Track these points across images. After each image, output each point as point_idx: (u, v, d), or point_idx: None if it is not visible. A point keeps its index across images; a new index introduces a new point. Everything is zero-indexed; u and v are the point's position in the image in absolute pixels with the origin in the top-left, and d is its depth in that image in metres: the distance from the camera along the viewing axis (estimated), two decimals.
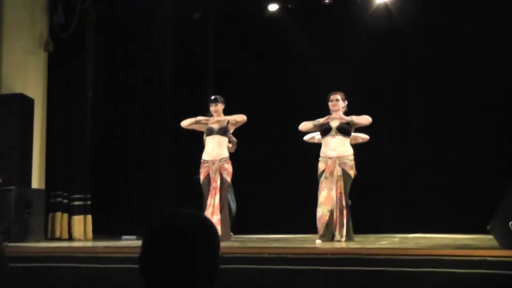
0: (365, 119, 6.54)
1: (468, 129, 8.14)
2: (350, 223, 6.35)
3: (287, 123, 8.06)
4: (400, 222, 8.15)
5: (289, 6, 9.06)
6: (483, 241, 5.51)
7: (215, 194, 6.64)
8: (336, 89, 6.74)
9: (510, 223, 4.38)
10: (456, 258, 4.28)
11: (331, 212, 6.25)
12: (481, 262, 4.10)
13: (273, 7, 9.13)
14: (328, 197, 6.25)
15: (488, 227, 4.79)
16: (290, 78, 9.04)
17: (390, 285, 4.19)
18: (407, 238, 7.18)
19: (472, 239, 6.27)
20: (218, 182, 6.67)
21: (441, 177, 8.24)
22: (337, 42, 8.78)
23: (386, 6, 8.56)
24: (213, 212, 6.59)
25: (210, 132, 6.83)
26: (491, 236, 4.90)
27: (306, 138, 7.09)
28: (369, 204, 7.95)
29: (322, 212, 6.24)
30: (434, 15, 8.40)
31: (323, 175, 6.37)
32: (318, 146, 6.76)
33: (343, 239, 6.17)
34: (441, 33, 8.37)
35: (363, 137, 7.00)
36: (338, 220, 6.24)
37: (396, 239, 6.85)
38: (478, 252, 4.48)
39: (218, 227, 6.53)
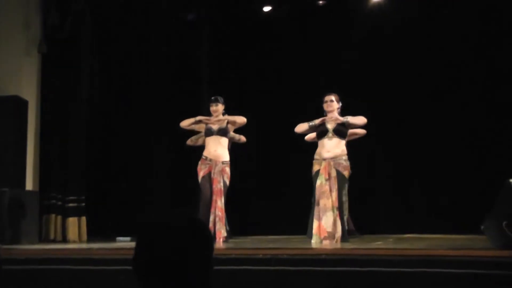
0: (360, 120, 6.58)
1: (464, 129, 8.15)
2: (345, 223, 6.37)
3: (284, 124, 8.05)
4: (394, 222, 8.15)
5: (281, 8, 9.03)
6: (477, 241, 5.52)
7: (220, 196, 6.64)
8: (332, 90, 6.76)
9: (504, 223, 4.39)
10: (450, 258, 4.29)
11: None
12: (475, 262, 4.12)
13: (267, 9, 9.11)
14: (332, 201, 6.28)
15: (482, 227, 4.81)
16: (286, 79, 9.04)
17: (385, 285, 4.20)
18: (401, 238, 7.19)
19: (466, 239, 6.29)
20: (222, 184, 6.69)
21: (436, 177, 8.26)
22: (332, 43, 8.78)
23: (380, 5, 8.57)
24: (219, 216, 6.59)
25: (210, 132, 6.84)
26: (485, 236, 4.92)
27: (306, 138, 7.08)
28: (363, 204, 7.95)
29: (333, 217, 6.24)
30: (430, 12, 8.40)
31: (321, 177, 6.36)
32: (314, 147, 6.77)
33: (338, 239, 6.19)
34: (439, 31, 8.37)
35: (361, 132, 6.99)
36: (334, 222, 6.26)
37: (391, 240, 6.86)
38: (472, 252, 4.50)
39: (222, 229, 6.54)
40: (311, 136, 6.92)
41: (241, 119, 6.91)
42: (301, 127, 6.70)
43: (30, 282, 4.85)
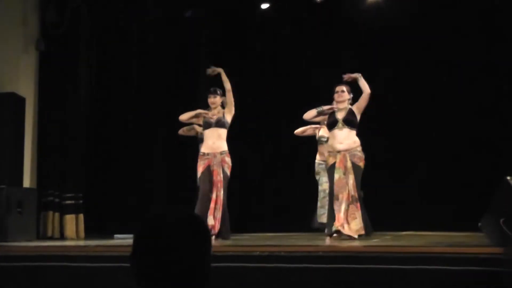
0: (367, 88, 6.57)
1: (462, 127, 8.17)
2: (366, 216, 6.37)
3: (283, 120, 8.06)
4: (392, 219, 8.15)
5: (279, 6, 9.02)
6: (475, 238, 5.53)
7: (220, 187, 6.62)
8: (332, 86, 6.77)
9: (501, 220, 4.40)
10: (448, 255, 4.30)
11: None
12: (472, 259, 4.12)
13: (265, 6, 9.09)
14: (348, 195, 6.29)
15: (479, 224, 4.81)
16: (286, 76, 9.03)
17: (383, 282, 4.20)
18: (399, 235, 7.20)
19: (464, 236, 6.29)
20: (222, 175, 6.66)
21: (434, 174, 8.27)
22: (331, 40, 8.77)
23: (378, 3, 8.55)
24: (218, 207, 6.56)
25: (208, 125, 6.81)
26: (482, 234, 4.93)
27: (297, 131, 7.11)
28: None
29: (344, 209, 6.25)
30: (428, 11, 8.40)
31: (339, 171, 6.36)
32: (315, 142, 6.75)
33: (354, 234, 6.18)
34: (437, 28, 8.37)
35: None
36: (347, 213, 6.27)
37: (388, 237, 6.87)
38: (470, 249, 4.50)
39: (217, 225, 6.51)
40: (302, 130, 6.93)
41: (228, 85, 6.85)
42: (309, 114, 6.70)
43: (27, 279, 4.85)
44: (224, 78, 6.85)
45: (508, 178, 4.55)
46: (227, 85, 6.83)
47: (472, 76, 8.16)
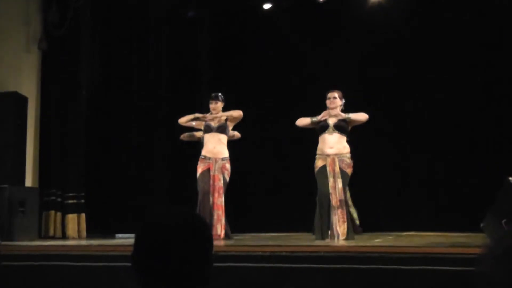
0: (362, 116, 6.59)
1: (463, 128, 8.16)
2: (349, 221, 6.38)
3: (284, 121, 8.03)
4: (394, 220, 8.16)
5: (281, 5, 9.01)
6: (477, 239, 5.53)
7: (221, 193, 6.66)
8: (333, 87, 6.77)
9: (503, 221, 4.40)
10: (449, 256, 4.30)
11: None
12: (474, 260, 4.12)
13: (267, 6, 9.08)
14: (337, 199, 6.31)
15: (481, 225, 4.81)
16: (287, 76, 9.02)
17: (384, 283, 4.20)
18: (401, 236, 7.20)
19: (465, 237, 6.30)
20: (222, 182, 6.70)
21: (435, 175, 8.26)
22: (333, 39, 8.77)
23: (381, 3, 8.54)
24: (222, 213, 6.62)
25: (209, 129, 6.83)
26: (484, 234, 4.93)
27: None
28: (363, 202, 7.95)
29: (336, 213, 6.27)
30: (429, 12, 8.39)
31: (328, 173, 6.37)
32: (315, 143, 6.75)
33: (342, 237, 6.20)
34: (438, 28, 8.37)
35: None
36: (338, 217, 6.29)
37: (391, 237, 6.88)
38: (472, 250, 4.50)
39: (220, 228, 6.56)
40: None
41: (237, 113, 6.93)
42: (302, 121, 6.70)
43: (29, 278, 4.86)
44: (229, 113, 6.90)
45: (510, 178, 4.55)
46: (235, 113, 6.87)
47: (473, 76, 8.15)
